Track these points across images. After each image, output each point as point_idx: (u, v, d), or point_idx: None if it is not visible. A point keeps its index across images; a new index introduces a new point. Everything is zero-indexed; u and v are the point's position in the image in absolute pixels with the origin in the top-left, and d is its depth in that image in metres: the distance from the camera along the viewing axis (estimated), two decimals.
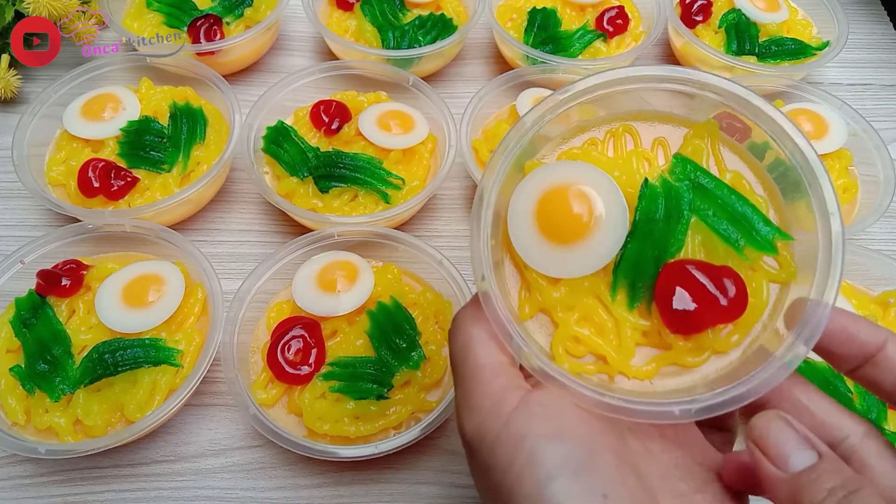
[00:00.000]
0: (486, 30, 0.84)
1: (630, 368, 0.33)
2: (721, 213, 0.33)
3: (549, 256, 0.33)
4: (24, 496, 0.52)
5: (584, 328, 0.34)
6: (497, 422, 0.29)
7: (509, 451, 0.28)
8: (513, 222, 0.33)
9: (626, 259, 0.33)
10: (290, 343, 0.53)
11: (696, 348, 0.32)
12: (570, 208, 0.33)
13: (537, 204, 0.33)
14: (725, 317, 0.32)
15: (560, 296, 0.34)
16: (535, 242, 0.33)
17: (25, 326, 0.53)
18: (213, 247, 0.65)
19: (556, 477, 0.27)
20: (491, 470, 0.29)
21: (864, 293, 0.59)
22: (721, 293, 0.31)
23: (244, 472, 0.53)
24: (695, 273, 0.31)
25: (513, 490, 0.28)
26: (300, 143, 0.65)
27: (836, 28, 0.78)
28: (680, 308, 0.31)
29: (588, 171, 0.33)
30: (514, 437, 0.28)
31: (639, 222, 0.33)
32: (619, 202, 0.33)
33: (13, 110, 0.74)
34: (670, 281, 0.32)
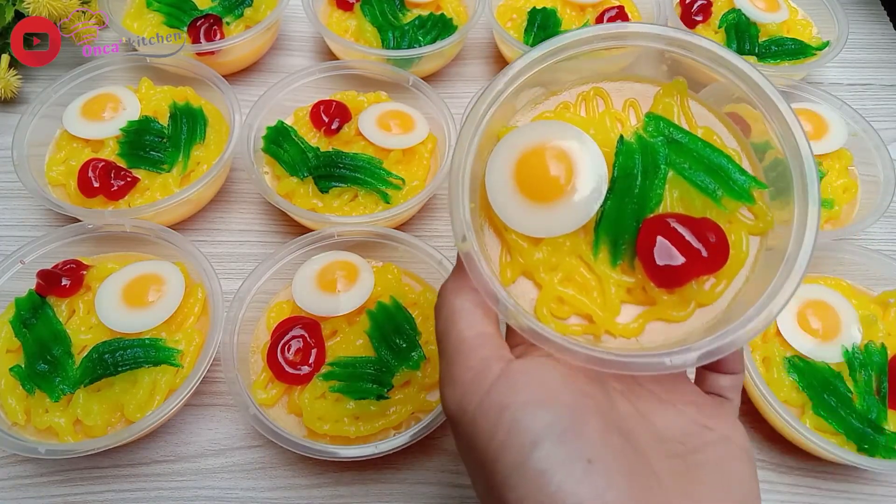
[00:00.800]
0: (486, 30, 0.84)
1: (616, 326, 0.33)
2: (697, 166, 0.33)
3: (530, 216, 0.32)
4: (24, 496, 0.52)
5: (568, 288, 0.33)
6: (479, 393, 0.29)
7: (491, 421, 0.28)
8: (491, 184, 0.33)
9: (607, 216, 0.33)
10: (290, 343, 0.53)
11: (681, 301, 0.32)
12: (549, 167, 0.32)
13: (515, 165, 0.33)
14: (708, 268, 0.32)
15: (542, 256, 0.33)
16: (514, 203, 0.33)
17: (25, 326, 0.53)
18: (213, 247, 0.65)
19: (540, 443, 0.27)
20: (474, 441, 0.29)
21: (864, 293, 0.59)
22: (702, 244, 0.31)
23: (244, 472, 0.53)
24: (675, 226, 0.31)
25: (497, 459, 0.27)
26: (300, 143, 0.65)
27: (836, 28, 0.78)
28: (663, 262, 0.31)
29: (564, 130, 0.33)
30: (496, 406, 0.28)
31: (617, 179, 0.33)
32: (598, 159, 0.33)
33: (13, 110, 0.74)
34: (652, 235, 0.31)
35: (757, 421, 0.56)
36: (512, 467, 0.27)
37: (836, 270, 0.60)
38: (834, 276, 0.60)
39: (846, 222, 0.65)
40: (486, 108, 0.34)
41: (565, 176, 0.32)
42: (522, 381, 0.29)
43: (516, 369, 0.29)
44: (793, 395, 0.53)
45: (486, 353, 0.30)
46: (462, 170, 0.33)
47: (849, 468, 0.54)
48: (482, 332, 0.31)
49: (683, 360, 0.30)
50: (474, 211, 0.34)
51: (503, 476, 0.27)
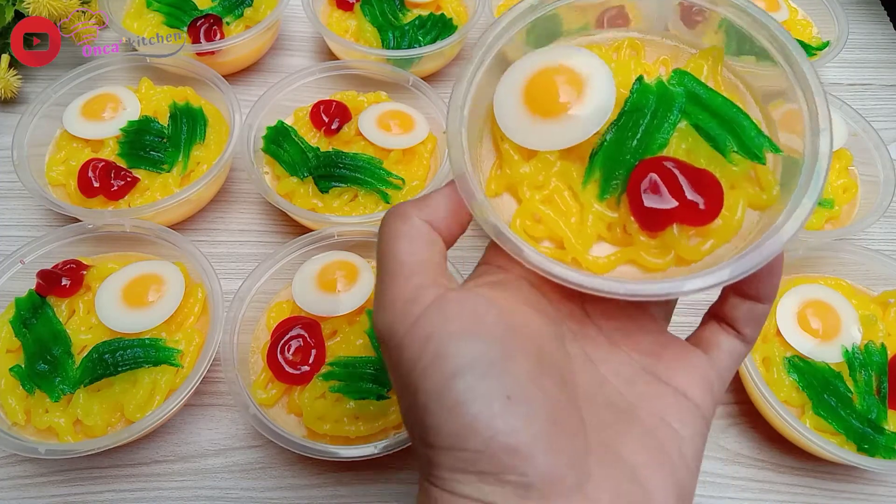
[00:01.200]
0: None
1: (586, 257, 0.31)
2: (712, 119, 0.32)
3: (529, 128, 0.32)
4: (24, 496, 0.52)
5: (548, 209, 0.33)
6: (409, 319, 0.28)
7: (417, 347, 0.27)
8: (499, 96, 0.33)
9: (606, 147, 0.32)
10: (290, 343, 0.53)
11: (660, 248, 0.31)
12: (557, 82, 0.32)
13: (528, 79, 0.33)
14: (696, 218, 0.30)
15: (529, 171, 0.32)
16: (517, 114, 0.32)
17: (25, 326, 0.53)
18: (213, 247, 0.65)
19: (461, 374, 0.26)
20: (399, 365, 0.28)
21: (864, 293, 0.59)
22: (696, 192, 0.30)
23: (244, 472, 0.53)
24: (672, 168, 0.30)
25: (418, 386, 0.27)
26: (300, 143, 0.65)
27: (836, 28, 0.78)
28: (651, 202, 0.30)
29: (584, 55, 0.33)
30: (424, 333, 0.27)
31: (625, 111, 0.32)
32: (609, 86, 0.32)
33: (13, 110, 0.74)
34: (645, 172, 0.30)
35: (757, 421, 0.56)
36: (432, 394, 0.26)
37: (836, 270, 0.60)
38: (834, 276, 0.60)
39: (846, 222, 0.65)
40: (494, 37, 0.34)
41: (572, 93, 0.32)
42: (454, 310, 0.28)
43: (450, 298, 0.28)
44: (793, 395, 0.53)
45: (422, 281, 0.29)
46: (465, 89, 0.33)
47: (849, 468, 0.55)
48: (422, 259, 0.30)
49: (641, 288, 0.28)
50: (474, 112, 0.33)
51: (423, 401, 0.27)
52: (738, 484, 0.54)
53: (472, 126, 0.33)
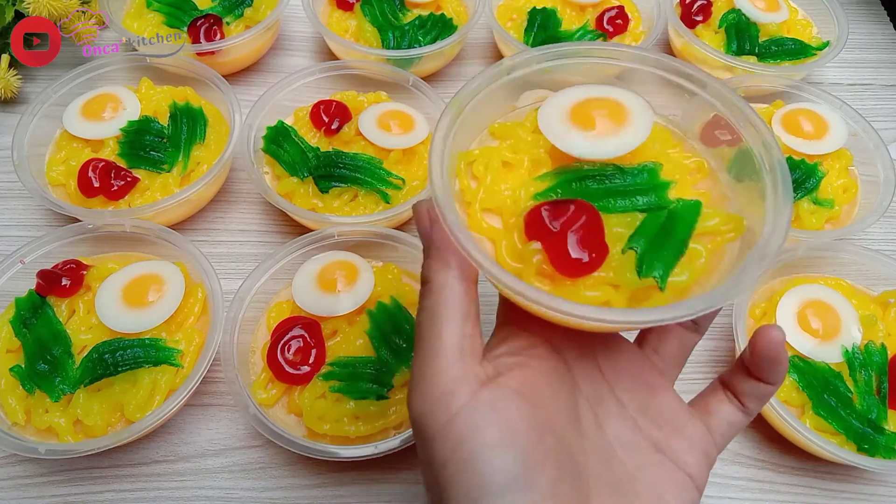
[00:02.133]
0: (486, 30, 0.84)
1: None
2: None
3: (570, 135, 0.35)
4: (24, 496, 0.52)
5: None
6: (443, 416, 0.29)
7: (449, 449, 0.28)
8: (547, 111, 0.36)
9: (577, 174, 0.34)
10: (290, 343, 0.53)
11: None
12: (603, 108, 0.35)
13: (578, 102, 0.36)
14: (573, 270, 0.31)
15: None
16: (563, 124, 0.35)
17: (25, 326, 0.53)
18: (213, 247, 0.65)
19: (488, 493, 0.27)
20: (431, 460, 0.29)
21: (864, 293, 0.59)
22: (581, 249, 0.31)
23: (244, 472, 0.53)
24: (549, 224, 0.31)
25: (445, 489, 0.28)
26: (300, 143, 0.65)
27: (836, 28, 0.78)
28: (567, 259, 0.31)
29: (628, 93, 0.36)
30: (457, 437, 0.28)
31: (621, 169, 0.35)
32: (648, 121, 0.35)
33: (13, 110, 0.74)
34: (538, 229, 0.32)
35: (757, 421, 0.56)
36: (458, 500, 0.28)
37: (836, 270, 0.60)
38: (834, 276, 0.60)
39: (846, 222, 0.65)
40: (469, 95, 0.36)
41: (616, 118, 0.35)
42: (485, 417, 0.29)
43: (483, 400, 0.29)
44: (793, 395, 0.53)
45: (458, 373, 0.30)
46: (444, 137, 0.34)
47: (849, 468, 0.55)
48: (462, 335, 0.31)
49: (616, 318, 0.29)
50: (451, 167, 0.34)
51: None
52: (738, 484, 0.54)
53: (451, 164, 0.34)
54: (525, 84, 0.37)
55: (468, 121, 0.36)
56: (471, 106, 0.36)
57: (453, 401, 0.29)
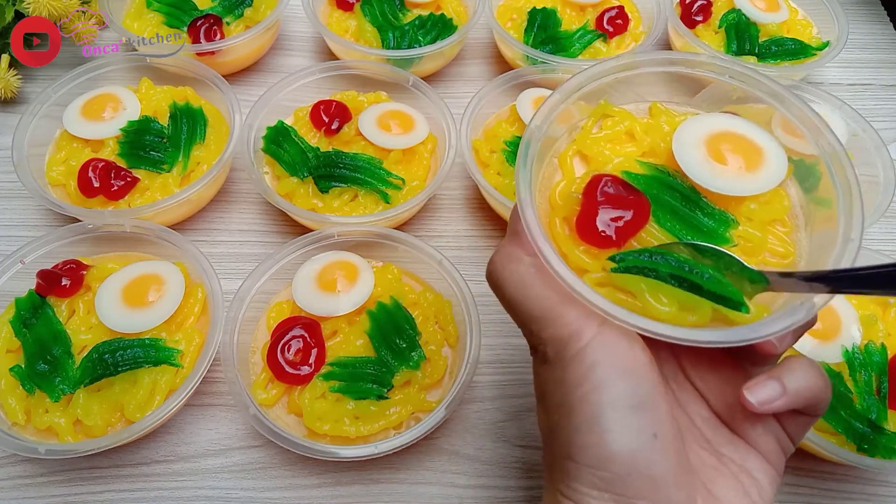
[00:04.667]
0: (486, 30, 0.84)
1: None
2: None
3: (709, 171, 0.35)
4: (24, 496, 0.52)
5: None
6: (576, 345, 0.31)
7: (580, 373, 0.31)
8: (682, 138, 0.36)
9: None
10: (290, 343, 0.53)
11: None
12: (739, 146, 0.36)
13: (712, 134, 0.37)
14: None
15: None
16: (700, 158, 0.36)
17: (25, 326, 0.53)
18: (213, 247, 0.65)
19: (618, 407, 0.30)
20: (562, 385, 0.31)
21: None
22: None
23: (244, 472, 0.53)
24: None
25: (575, 407, 0.31)
26: (300, 143, 0.65)
27: (836, 28, 0.78)
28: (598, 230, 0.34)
29: (761, 132, 0.37)
30: (588, 362, 0.31)
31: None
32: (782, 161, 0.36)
33: (13, 110, 0.74)
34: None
35: None
36: (587, 418, 0.30)
37: None
38: None
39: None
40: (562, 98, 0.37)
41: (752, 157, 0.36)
42: (614, 346, 0.31)
43: (609, 333, 0.31)
44: None
45: (579, 312, 0.32)
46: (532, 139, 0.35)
47: (849, 468, 0.54)
48: (563, 290, 0.32)
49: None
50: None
51: (577, 422, 0.30)
52: None
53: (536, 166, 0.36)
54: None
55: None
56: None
57: (583, 335, 0.31)
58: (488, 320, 0.60)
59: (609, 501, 0.30)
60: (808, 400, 0.33)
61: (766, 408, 0.32)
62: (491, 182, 0.62)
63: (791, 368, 0.32)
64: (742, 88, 0.38)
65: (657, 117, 0.39)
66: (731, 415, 0.35)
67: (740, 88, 0.37)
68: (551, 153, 0.38)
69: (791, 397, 0.32)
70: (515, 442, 0.55)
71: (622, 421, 0.30)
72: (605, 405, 0.30)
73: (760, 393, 0.32)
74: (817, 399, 0.33)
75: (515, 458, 0.54)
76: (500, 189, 0.62)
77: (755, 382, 0.32)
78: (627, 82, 0.39)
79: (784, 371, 0.32)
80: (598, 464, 0.30)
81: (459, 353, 0.55)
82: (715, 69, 0.38)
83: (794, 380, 0.32)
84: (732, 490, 0.33)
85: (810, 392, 0.32)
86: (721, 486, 0.33)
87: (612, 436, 0.30)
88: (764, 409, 0.32)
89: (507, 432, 0.55)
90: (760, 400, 0.32)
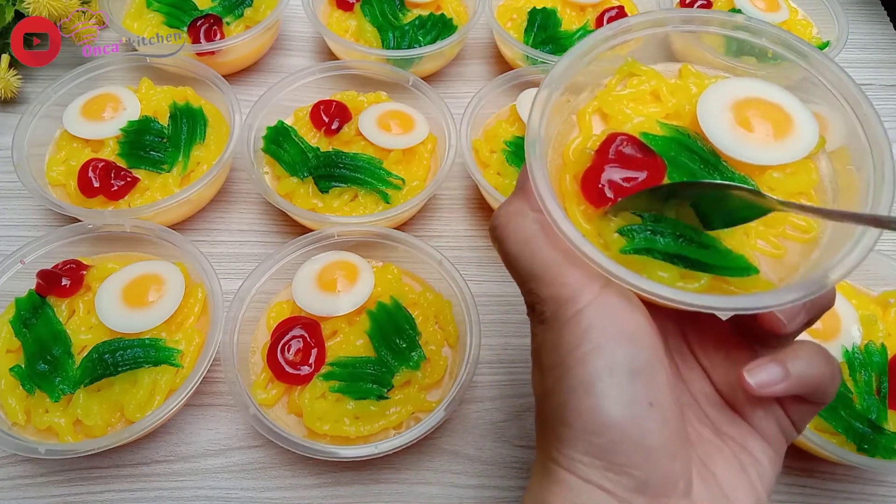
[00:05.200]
0: (486, 30, 0.84)
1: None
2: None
3: (736, 138, 0.34)
4: (24, 496, 0.52)
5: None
6: (574, 307, 0.30)
7: (578, 335, 0.30)
8: (707, 105, 0.35)
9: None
10: (290, 343, 0.53)
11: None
12: (770, 112, 0.35)
13: (739, 100, 0.36)
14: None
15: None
16: (726, 125, 0.35)
17: (25, 326, 0.53)
18: (213, 247, 0.65)
19: (614, 373, 0.29)
20: (559, 347, 0.30)
21: (864, 293, 0.59)
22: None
23: (244, 472, 0.53)
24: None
25: (571, 369, 0.30)
26: (300, 143, 0.65)
27: (836, 28, 0.78)
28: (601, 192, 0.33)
29: (795, 99, 0.37)
30: (586, 324, 0.30)
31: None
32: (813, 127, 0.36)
33: (13, 110, 0.74)
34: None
35: None
36: (583, 380, 0.29)
37: None
38: None
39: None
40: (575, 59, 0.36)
41: (784, 124, 0.35)
42: (616, 311, 0.30)
43: (610, 297, 0.30)
44: None
45: (581, 273, 0.31)
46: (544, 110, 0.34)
47: (849, 468, 0.54)
48: (566, 248, 0.31)
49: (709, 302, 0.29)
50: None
51: (573, 384, 0.29)
52: None
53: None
54: None
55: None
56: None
57: (582, 296, 0.30)
58: (488, 320, 0.60)
59: (600, 469, 0.29)
60: (812, 387, 0.32)
61: (765, 391, 0.31)
62: (491, 182, 0.62)
63: (796, 353, 0.31)
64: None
65: (686, 79, 0.37)
66: (734, 395, 0.34)
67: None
68: (570, 109, 0.37)
69: (793, 382, 0.31)
70: (515, 442, 0.55)
71: (618, 387, 0.29)
72: (602, 369, 0.29)
73: (761, 375, 0.31)
74: (822, 387, 0.32)
75: (515, 458, 0.54)
76: (500, 189, 0.62)
77: (756, 364, 0.31)
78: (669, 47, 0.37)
79: (788, 355, 0.31)
80: (591, 429, 0.29)
81: (459, 353, 0.55)
82: (728, 25, 0.37)
83: (798, 365, 0.31)
84: (730, 468, 0.32)
85: (814, 379, 0.31)
86: (719, 462, 0.32)
87: (607, 401, 0.29)
88: (763, 392, 0.31)
89: (507, 432, 0.55)
90: (760, 382, 0.30)
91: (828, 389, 0.32)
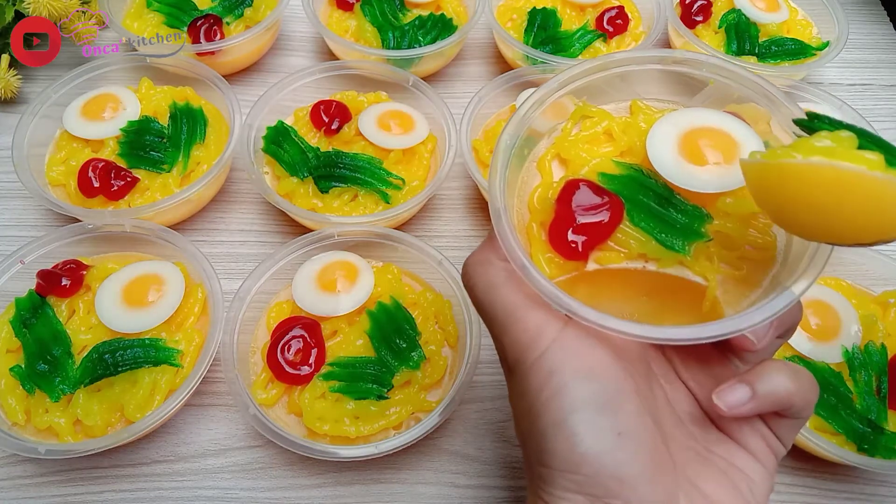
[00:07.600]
0: (486, 30, 0.84)
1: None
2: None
3: (681, 169, 0.35)
4: (24, 496, 0.52)
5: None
6: (535, 353, 0.31)
7: (541, 379, 0.31)
8: (655, 139, 0.36)
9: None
10: (290, 343, 0.53)
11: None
12: (713, 140, 0.35)
13: (687, 131, 0.36)
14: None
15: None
16: (673, 157, 0.35)
17: (25, 326, 0.53)
18: (213, 247, 0.65)
19: (579, 410, 0.30)
20: (525, 394, 0.32)
21: (864, 293, 0.59)
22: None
23: (244, 472, 0.53)
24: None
25: (540, 414, 0.31)
26: (300, 143, 0.65)
27: (836, 28, 0.78)
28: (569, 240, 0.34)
29: (740, 124, 0.36)
30: (547, 369, 0.31)
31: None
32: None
33: (13, 110, 0.74)
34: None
35: None
36: (552, 423, 0.30)
37: (836, 270, 0.60)
38: (834, 276, 0.60)
39: None
40: (532, 108, 0.37)
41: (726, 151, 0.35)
42: (574, 349, 0.31)
43: (570, 336, 0.31)
44: None
45: (541, 317, 0.32)
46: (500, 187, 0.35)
47: (849, 468, 0.54)
48: (527, 294, 0.32)
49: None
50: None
51: (543, 428, 0.31)
52: None
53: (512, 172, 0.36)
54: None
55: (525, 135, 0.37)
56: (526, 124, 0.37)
57: (541, 341, 0.31)
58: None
59: (584, 503, 0.30)
60: (781, 404, 0.32)
61: (734, 412, 0.31)
62: None
63: (761, 373, 0.32)
64: (724, 83, 0.37)
65: (636, 115, 0.38)
66: (717, 413, 0.34)
67: (739, 88, 0.37)
68: (531, 157, 0.38)
69: (760, 401, 0.31)
70: (515, 442, 0.55)
71: (585, 423, 0.30)
72: (567, 409, 0.30)
73: (728, 397, 0.31)
74: (793, 403, 0.32)
75: (515, 458, 0.54)
76: None
77: (725, 386, 0.32)
78: (627, 80, 0.38)
79: (756, 375, 0.32)
80: (568, 467, 0.30)
81: (459, 353, 0.55)
82: (692, 65, 0.38)
83: (764, 384, 0.32)
84: (721, 486, 0.32)
85: (782, 396, 0.32)
86: (710, 481, 0.32)
87: (577, 438, 0.30)
88: (734, 413, 0.31)
89: (507, 432, 0.55)
90: (729, 404, 0.31)
91: (801, 405, 0.33)
